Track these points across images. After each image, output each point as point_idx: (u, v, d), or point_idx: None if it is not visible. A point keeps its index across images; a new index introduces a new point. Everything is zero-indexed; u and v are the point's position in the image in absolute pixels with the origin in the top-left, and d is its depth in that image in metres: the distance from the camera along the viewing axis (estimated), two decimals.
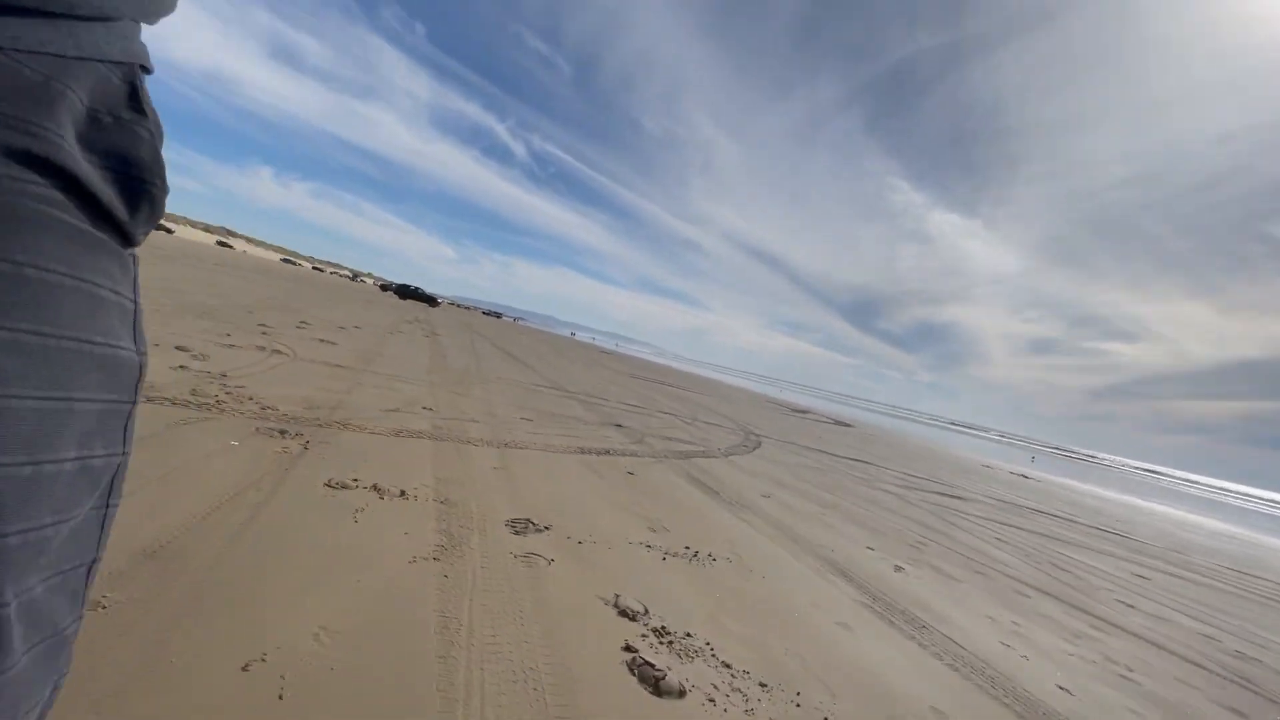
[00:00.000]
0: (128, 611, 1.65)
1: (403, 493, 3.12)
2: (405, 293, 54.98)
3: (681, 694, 1.93)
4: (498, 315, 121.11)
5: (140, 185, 0.38)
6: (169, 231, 73.75)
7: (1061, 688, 2.88)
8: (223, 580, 1.91)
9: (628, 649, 2.11)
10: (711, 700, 1.96)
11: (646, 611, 2.48)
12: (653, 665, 2.03)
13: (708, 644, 2.34)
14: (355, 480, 3.11)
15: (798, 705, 2.06)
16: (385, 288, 64.59)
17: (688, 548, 3.46)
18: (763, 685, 2.14)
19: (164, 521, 2.18)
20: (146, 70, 0.40)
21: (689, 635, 2.37)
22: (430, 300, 55.29)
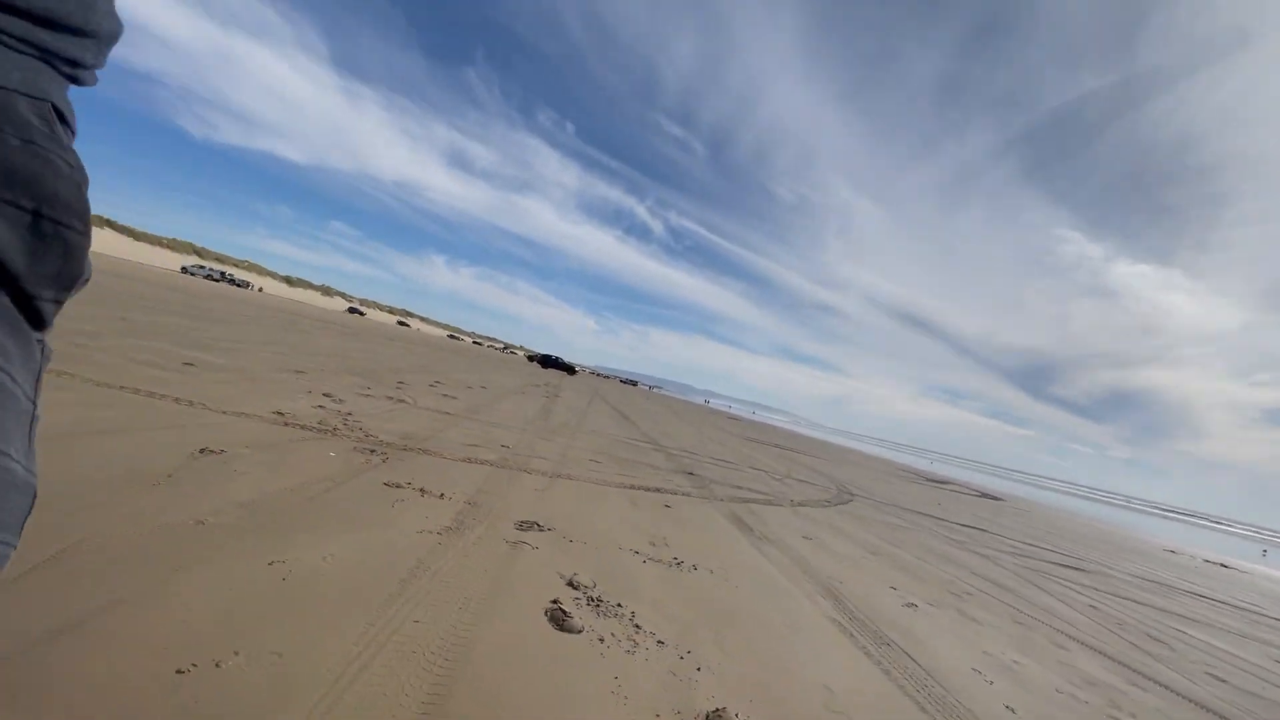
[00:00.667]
0: (226, 531, 2.57)
1: (441, 495, 3.95)
2: (547, 362, 59.49)
3: (578, 632, 2.45)
4: (633, 383, 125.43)
5: (53, 228, 0.31)
6: (361, 314, 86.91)
7: (1008, 707, 2.88)
8: (279, 523, 2.80)
9: (555, 602, 2.67)
10: (601, 639, 2.45)
11: (594, 586, 3.01)
12: (565, 612, 2.57)
13: (632, 613, 2.81)
14: (408, 483, 4.01)
15: (680, 658, 2.47)
16: (531, 358, 70.40)
17: (676, 559, 3.90)
18: (660, 643, 2.57)
19: (263, 490, 3.18)
20: (61, 116, 0.36)
21: (619, 605, 2.85)
22: (569, 369, 59.19)
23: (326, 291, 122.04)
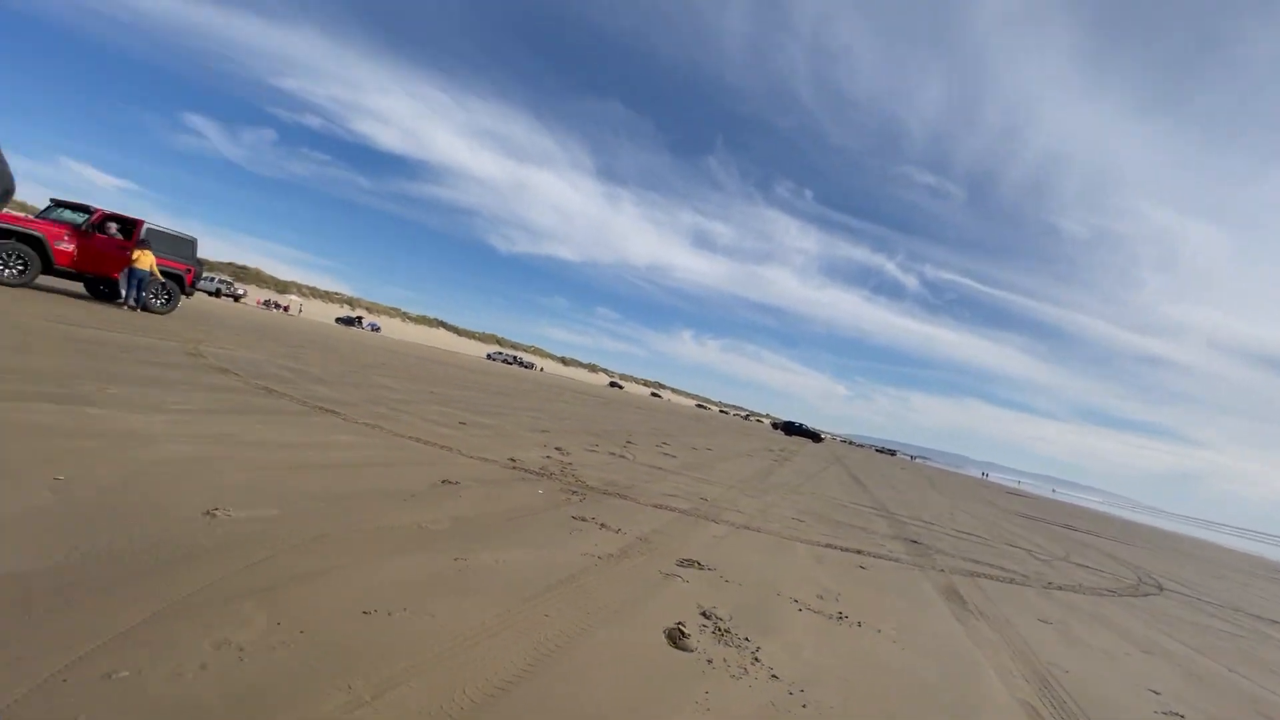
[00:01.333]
0: (434, 534, 3.33)
1: (618, 530, 4.39)
2: (790, 429, 58.27)
3: (689, 651, 2.57)
4: (891, 452, 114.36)
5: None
6: (620, 387, 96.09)
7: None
8: (476, 533, 3.49)
9: (678, 624, 2.82)
10: (710, 661, 2.52)
11: (728, 619, 3.07)
12: (684, 633, 2.70)
13: (757, 648, 2.80)
14: (593, 519, 4.54)
15: (789, 694, 2.40)
16: (775, 425, 69.66)
17: (840, 613, 3.67)
18: (774, 677, 2.53)
19: (475, 511, 3.98)
20: None
21: (746, 639, 2.87)
22: (813, 436, 57.10)
23: (593, 369, 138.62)
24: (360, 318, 69.86)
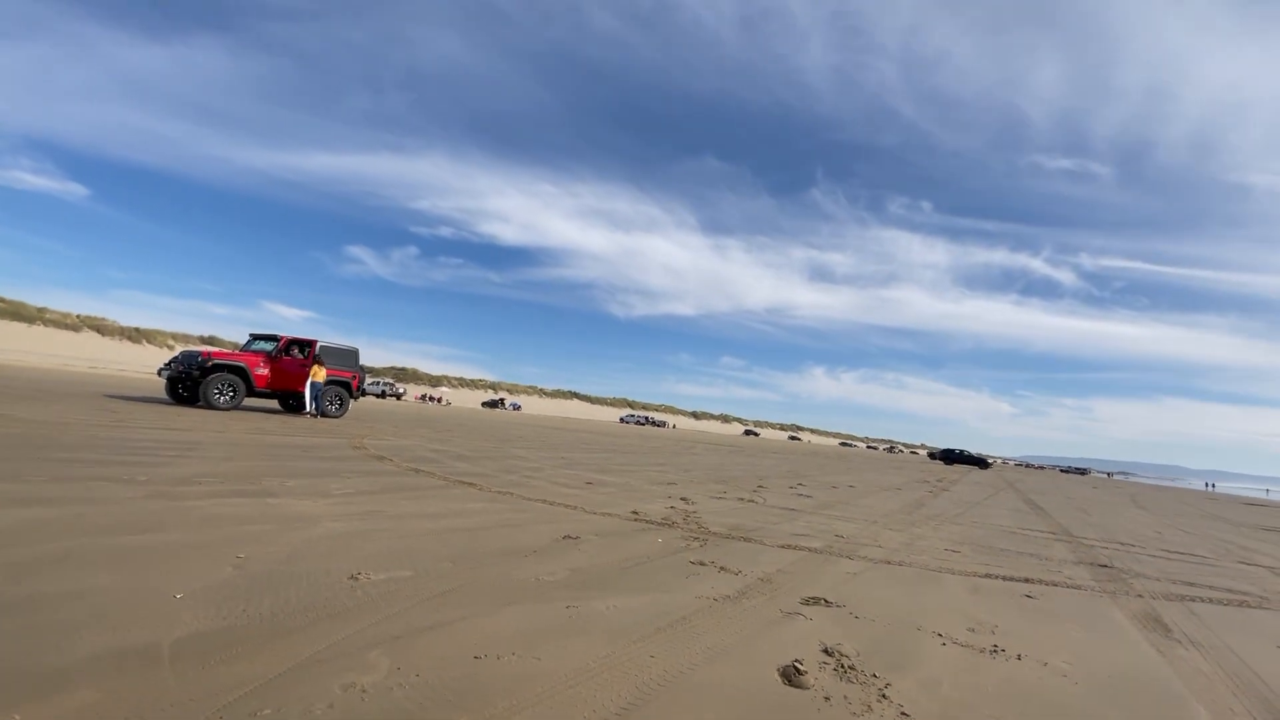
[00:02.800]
0: (551, 585, 3.46)
1: (738, 572, 4.25)
2: (950, 457, 53.28)
3: (805, 689, 2.40)
4: (1081, 471, 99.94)
5: None
6: (755, 435, 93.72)
7: None
8: (590, 582, 3.57)
9: (796, 662, 2.65)
10: (828, 699, 2.33)
11: (855, 656, 2.83)
12: (800, 670, 2.54)
13: (887, 684, 2.55)
14: (713, 562, 4.45)
15: None
16: (932, 455, 64.06)
17: (996, 646, 3.24)
18: (904, 715, 2.28)
19: (592, 562, 4.08)
20: None
21: (874, 676, 2.62)
22: (979, 462, 51.78)
23: (725, 419, 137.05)
24: (503, 399, 75.36)
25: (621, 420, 76.31)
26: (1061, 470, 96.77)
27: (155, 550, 3.32)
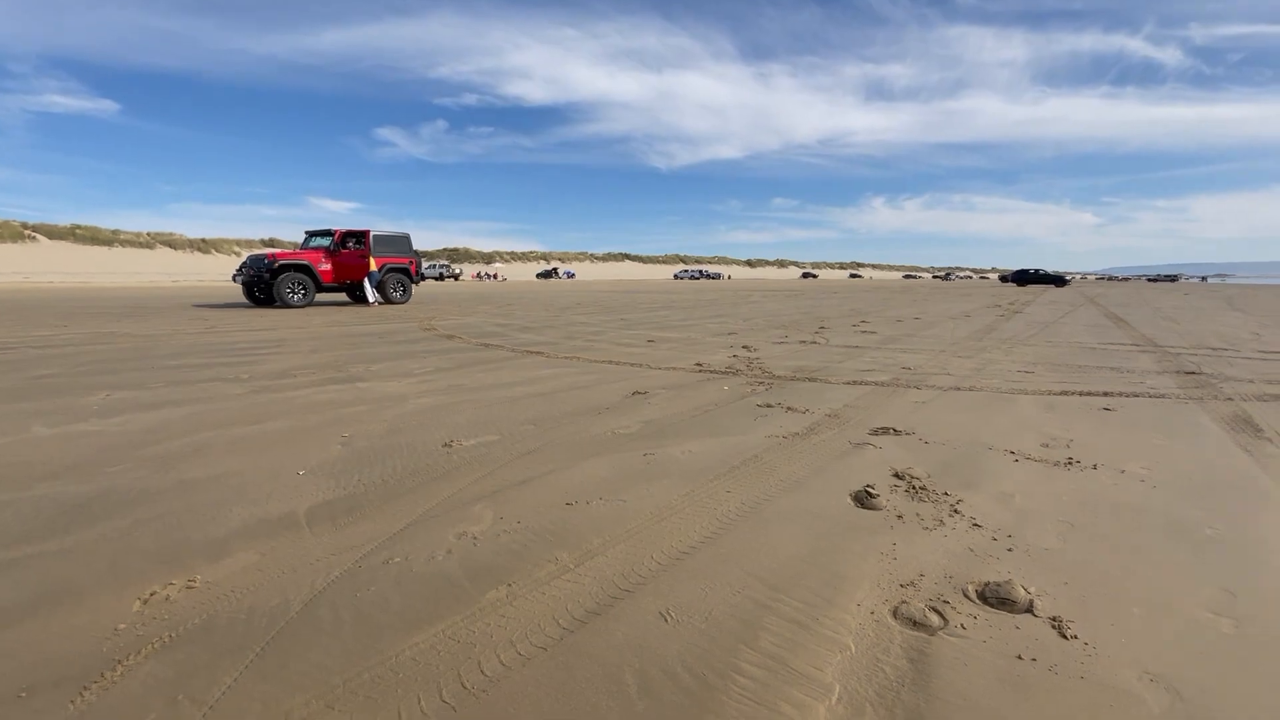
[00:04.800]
0: (627, 437, 3.68)
1: (805, 410, 4.36)
2: (1024, 279, 51.01)
3: (877, 510, 2.53)
4: (1171, 278, 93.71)
5: None
6: (814, 277, 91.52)
7: None
8: (664, 431, 3.76)
9: (868, 486, 2.77)
10: (900, 517, 2.46)
11: (926, 477, 2.93)
12: (872, 494, 2.66)
13: (958, 500, 2.64)
14: (779, 404, 4.56)
15: (993, 540, 2.25)
16: (1004, 278, 61.42)
17: (1070, 459, 3.26)
18: (976, 525, 2.38)
19: (663, 413, 4.26)
20: None
21: (945, 494, 2.72)
22: (1055, 280, 49.41)
23: (781, 264, 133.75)
24: (556, 269, 75.86)
25: (675, 277, 75.85)
26: (1149, 280, 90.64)
27: (271, 436, 3.70)
